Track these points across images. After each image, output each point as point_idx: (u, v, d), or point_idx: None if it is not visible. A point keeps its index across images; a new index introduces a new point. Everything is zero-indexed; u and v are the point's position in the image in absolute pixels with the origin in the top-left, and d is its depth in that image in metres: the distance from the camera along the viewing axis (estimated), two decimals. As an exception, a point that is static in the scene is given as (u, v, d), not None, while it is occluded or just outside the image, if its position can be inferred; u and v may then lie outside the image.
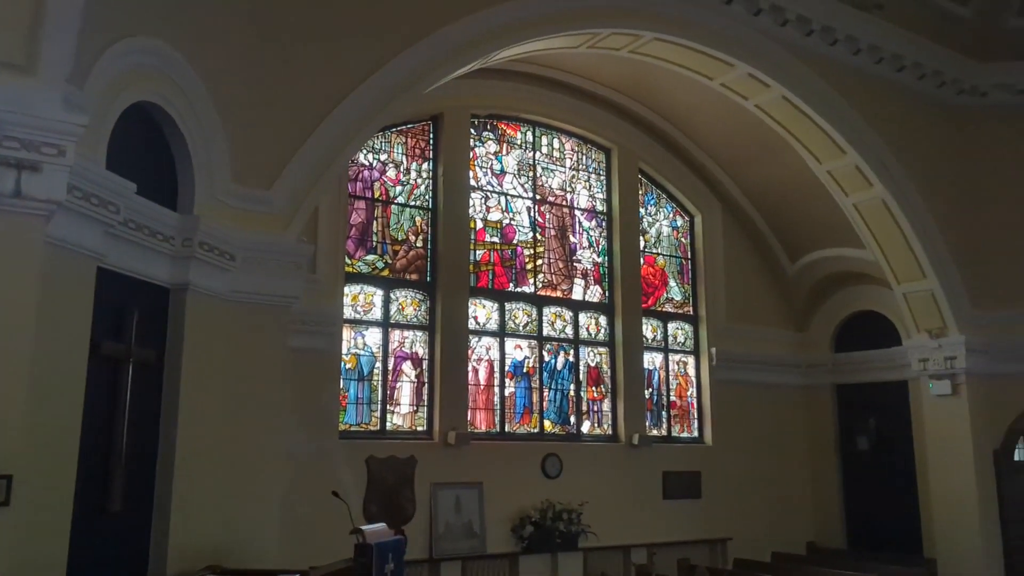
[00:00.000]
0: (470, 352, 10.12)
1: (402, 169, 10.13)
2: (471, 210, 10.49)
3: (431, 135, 10.39)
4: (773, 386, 12.70)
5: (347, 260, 9.37)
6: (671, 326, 12.25)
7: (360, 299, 9.50)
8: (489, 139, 10.98)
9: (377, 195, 9.88)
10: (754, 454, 12.14)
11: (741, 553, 11.27)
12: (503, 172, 11.01)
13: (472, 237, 10.46)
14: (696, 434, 12.13)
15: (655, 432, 11.65)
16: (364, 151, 9.74)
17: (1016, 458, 11.00)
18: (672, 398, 12.06)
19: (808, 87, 10.11)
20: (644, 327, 11.78)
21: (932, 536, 11.14)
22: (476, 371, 10.22)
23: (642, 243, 12.09)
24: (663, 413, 11.91)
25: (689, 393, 12.24)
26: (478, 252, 10.53)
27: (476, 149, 10.78)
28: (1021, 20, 11.34)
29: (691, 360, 12.34)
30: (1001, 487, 10.82)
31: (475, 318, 10.30)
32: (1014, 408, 11.01)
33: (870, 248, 11.38)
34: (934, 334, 11.09)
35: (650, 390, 11.79)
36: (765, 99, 10.34)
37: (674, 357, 12.22)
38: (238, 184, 6.80)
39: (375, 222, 9.81)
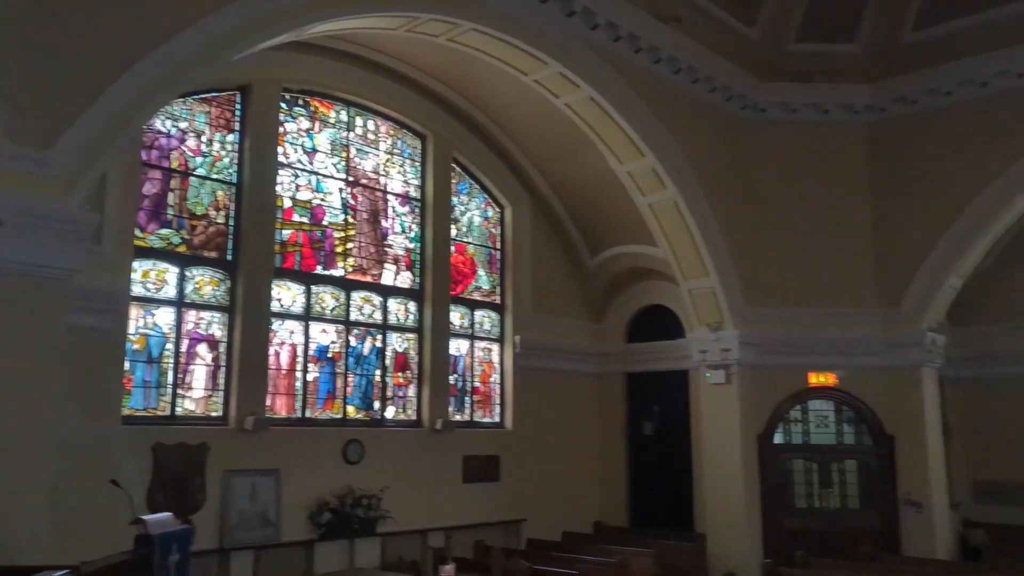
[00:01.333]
0: (272, 335, 9.79)
1: (204, 140, 9.57)
2: (279, 187, 10.12)
3: (238, 106, 9.90)
4: (570, 374, 13.33)
5: (138, 233, 8.72)
6: (478, 314, 12.50)
7: (151, 276, 8.89)
8: (301, 115, 10.64)
9: (175, 165, 9.27)
10: (550, 439, 12.69)
11: (535, 533, 11.77)
12: (315, 151, 10.71)
13: (279, 216, 10.09)
14: (497, 419, 12.48)
15: (458, 417, 11.86)
16: (162, 117, 9.10)
17: (775, 441, 12.27)
18: (476, 384, 12.32)
19: (614, 90, 10.66)
20: (452, 314, 11.94)
21: (704, 513, 12.19)
22: (278, 355, 9.90)
23: (454, 231, 12.23)
24: (467, 399, 12.14)
25: (493, 379, 12.56)
26: (285, 232, 10.18)
27: (287, 124, 10.41)
28: (798, 46, 12.60)
29: (496, 347, 12.67)
30: (763, 468, 12.05)
31: (279, 300, 9.96)
32: (777, 396, 12.29)
33: (662, 246, 12.21)
34: (713, 328, 12.11)
35: (455, 376, 11.98)
36: (575, 99, 10.78)
37: (480, 344, 12.48)
38: (12, 143, 6.13)
39: (171, 194, 9.20)
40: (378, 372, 10.93)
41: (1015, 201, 11.77)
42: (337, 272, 10.68)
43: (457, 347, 12.09)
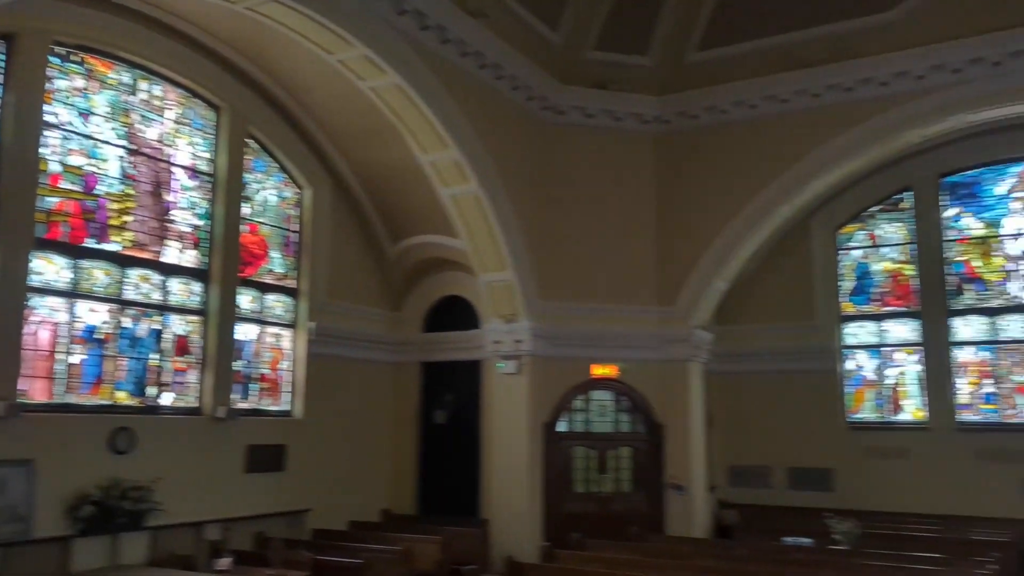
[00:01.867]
0: (29, 313, 8.85)
1: (-45, 90, 8.45)
2: (45, 150, 9.16)
3: (1, 57, 8.82)
4: (365, 362, 13.21)
5: None
6: (270, 298, 12.04)
7: None
8: (76, 72, 9.68)
9: (-84, 115, 8.12)
10: (342, 427, 12.52)
11: (321, 524, 11.55)
12: (90, 113, 9.79)
13: (44, 181, 9.13)
14: (286, 407, 12.10)
15: (243, 405, 11.36)
16: (-100, 59, 7.94)
17: (559, 429, 12.88)
18: (264, 371, 11.87)
19: (420, 79, 10.66)
20: (241, 297, 11.41)
21: (490, 499, 12.55)
22: (36, 335, 8.97)
23: (247, 210, 11.69)
24: (253, 386, 11.66)
25: (282, 366, 12.15)
26: (51, 200, 9.23)
27: (57, 81, 9.43)
28: (596, 54, 13.24)
29: (288, 333, 12.26)
30: (546, 455, 12.60)
31: (40, 274, 9.02)
32: (563, 386, 12.89)
33: (462, 238, 12.39)
34: (507, 319, 12.48)
35: (242, 362, 11.47)
36: (380, 84, 10.65)
37: (270, 330, 12.03)
38: None
39: (-90, 148, 8.06)
40: (155, 356, 10.22)
41: (776, 213, 13.09)
42: (111, 246, 9.85)
43: (245, 332, 11.58)
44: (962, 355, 14.08)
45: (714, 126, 13.40)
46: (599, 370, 13.06)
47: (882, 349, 14.71)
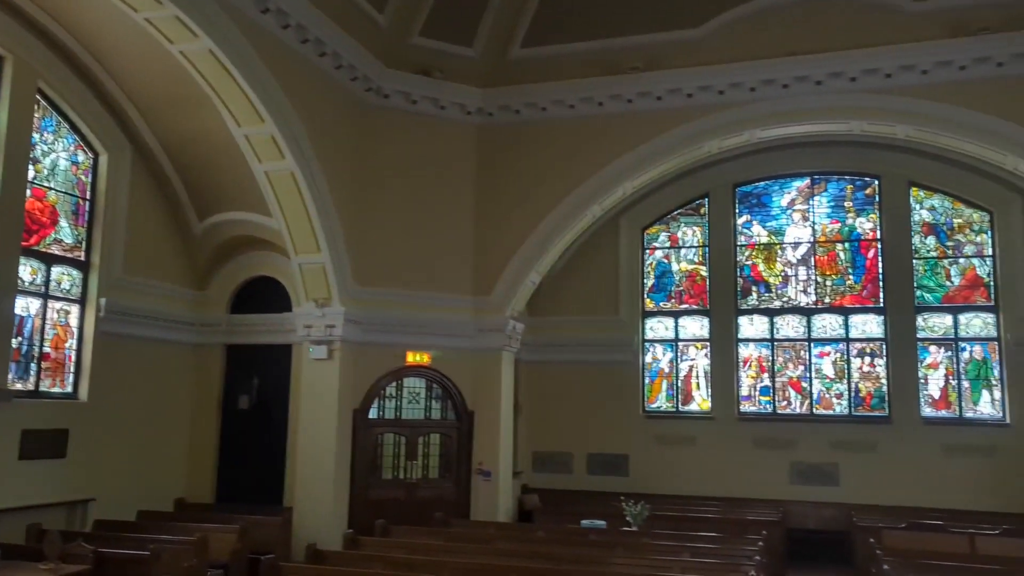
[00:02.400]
0: None
1: None
2: None
3: None
4: (164, 343, 12.44)
5: None
6: (56, 270, 11.03)
7: None
8: None
9: None
10: (134, 412, 11.73)
11: (106, 514, 10.77)
12: None
13: None
14: (70, 389, 11.14)
15: (19, 386, 10.34)
16: None
17: (370, 416, 12.77)
18: (47, 350, 10.86)
19: (236, 48, 10.12)
20: (22, 268, 10.37)
21: (294, 487, 12.22)
22: None
23: (32, 173, 10.62)
24: (33, 365, 10.65)
25: (68, 345, 11.18)
26: None
27: None
28: (422, 40, 13.18)
29: (75, 309, 11.29)
30: (355, 442, 12.46)
31: None
32: (376, 373, 12.78)
33: (276, 217, 11.94)
34: (320, 303, 12.19)
35: (20, 339, 10.43)
36: (192, 48, 10.02)
37: (55, 305, 11.02)
38: None
39: None
40: (-89, 329, 9.07)
41: (587, 211, 13.66)
42: None
43: (25, 306, 10.54)
44: (745, 351, 15.41)
45: (534, 122, 13.76)
46: (413, 357, 13.07)
47: (677, 344, 15.79)
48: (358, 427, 12.54)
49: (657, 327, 15.98)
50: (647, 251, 16.24)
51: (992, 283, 14.18)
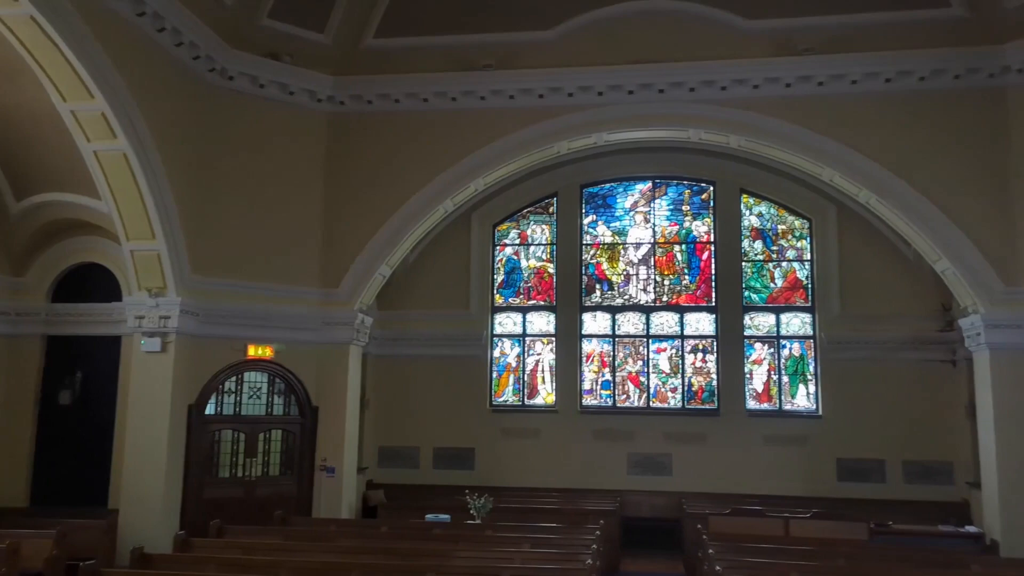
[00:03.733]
0: None
1: None
2: None
3: None
4: (-29, 333, 11.35)
5: None
6: None
7: None
8: None
9: None
10: (-66, 409, 10.63)
11: None
12: None
13: None
14: None
15: None
16: None
17: (207, 412, 12.19)
18: None
19: (62, 16, 9.34)
20: None
21: (120, 488, 11.47)
22: None
23: None
24: None
25: None
26: None
27: None
28: (271, 22, 12.70)
29: None
30: (190, 439, 11.85)
31: None
32: (213, 367, 12.22)
33: (105, 200, 11.15)
34: (153, 293, 11.51)
35: None
36: (10, 13, 9.16)
37: None
38: None
39: None
40: None
41: (439, 206, 13.65)
42: None
43: None
44: (588, 347, 15.94)
45: (387, 114, 13.60)
46: (255, 351, 12.60)
47: (525, 339, 16.11)
48: (193, 423, 11.93)
49: (506, 322, 16.23)
50: (497, 247, 16.45)
51: (810, 285, 15.40)
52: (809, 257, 15.47)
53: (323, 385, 13.10)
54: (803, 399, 15.14)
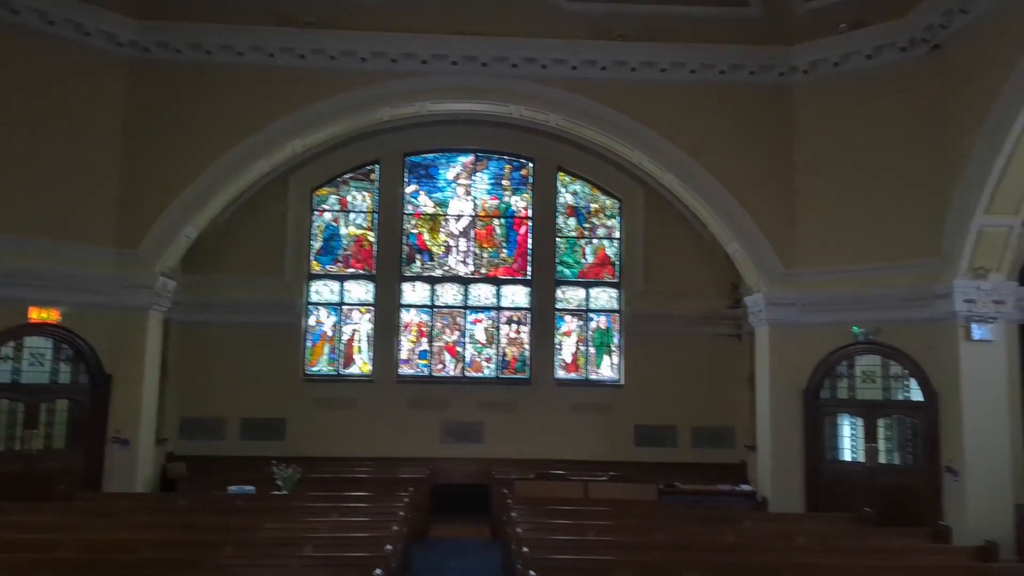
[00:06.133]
0: None
1: None
2: None
3: None
4: None
5: None
6: None
7: None
8: None
9: None
10: None
11: None
12: None
13: None
14: None
15: None
16: None
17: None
18: None
19: None
20: None
21: None
22: None
23: None
24: None
25: None
26: None
27: None
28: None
29: None
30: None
31: None
32: (-12, 331, 11.07)
33: None
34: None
35: None
36: None
37: None
38: None
39: None
40: None
41: (253, 166, 13.09)
42: None
43: None
44: (407, 316, 15.94)
45: (198, 65, 12.79)
46: (38, 314, 11.54)
47: (341, 307, 15.84)
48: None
49: (323, 290, 15.87)
50: (316, 213, 16.00)
51: (618, 263, 16.20)
52: (618, 235, 16.26)
53: (118, 352, 12.23)
54: (607, 369, 15.97)
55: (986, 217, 10.70)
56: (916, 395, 11.75)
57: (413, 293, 16.02)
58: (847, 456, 12.39)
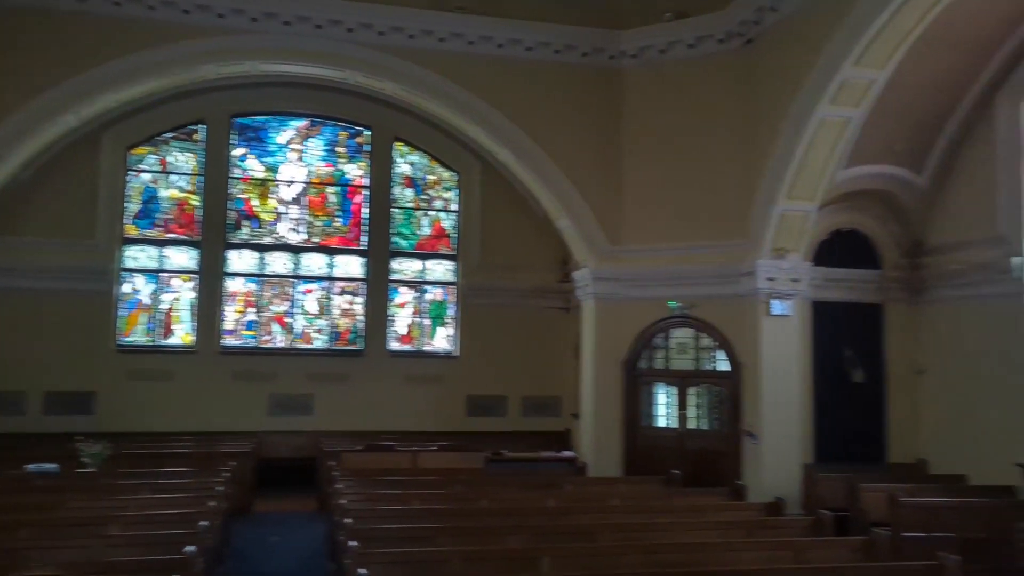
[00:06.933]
0: None
1: None
2: None
3: None
4: None
5: None
6: None
7: None
8: None
9: None
10: None
11: None
12: None
13: None
14: None
15: None
16: None
17: None
18: None
19: None
20: None
21: None
22: None
23: None
24: None
25: None
26: None
27: None
28: None
29: None
30: None
31: None
32: None
33: None
34: None
35: None
36: None
37: None
38: None
39: None
40: None
41: (60, 119, 12.09)
42: None
43: None
44: (233, 285, 15.30)
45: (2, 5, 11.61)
46: None
47: (160, 274, 14.96)
48: None
49: (139, 256, 14.91)
50: (132, 173, 14.96)
51: (455, 235, 16.30)
52: (455, 208, 16.34)
53: None
54: (442, 341, 16.10)
55: (787, 202, 11.66)
56: (723, 365, 12.67)
57: (240, 261, 15.39)
58: (661, 423, 13.21)
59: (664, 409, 13.22)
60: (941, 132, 11.75)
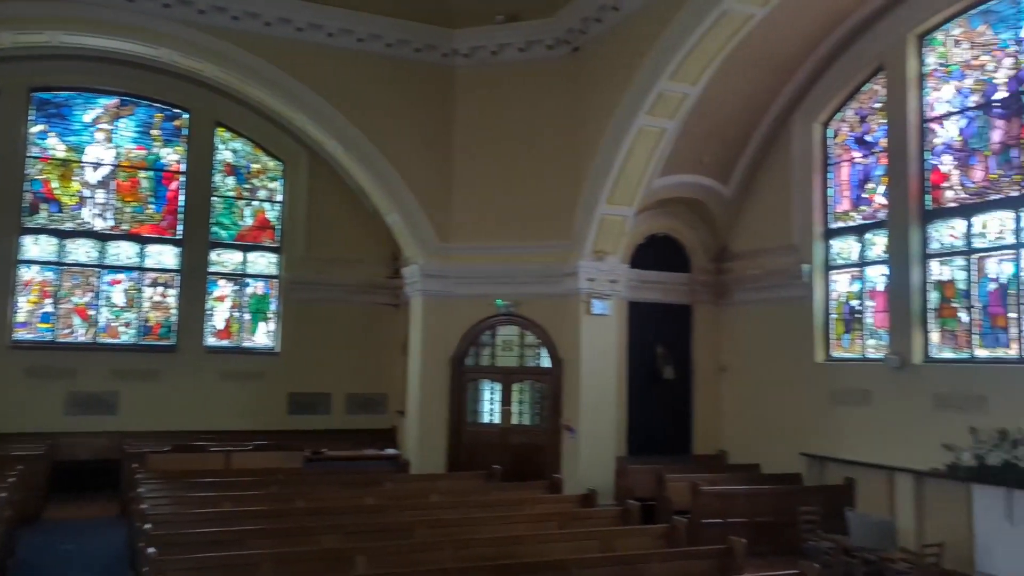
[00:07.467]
0: None
1: None
2: None
3: None
4: None
5: None
6: None
7: None
8: None
9: None
10: None
11: None
12: None
13: None
14: None
15: None
16: None
17: None
18: None
19: None
20: None
21: None
22: None
23: None
24: None
25: None
26: None
27: None
28: None
29: None
30: None
31: None
32: None
33: None
34: None
35: None
36: None
37: None
38: None
39: None
40: None
41: None
42: None
43: None
44: (28, 274, 13.98)
45: None
46: None
47: (-62, 260, 13.42)
48: None
49: (-88, 239, 13.31)
50: (-95, 145, 13.33)
51: (279, 227, 15.72)
52: (280, 199, 15.77)
53: None
54: (263, 336, 15.49)
55: (608, 206, 12.17)
56: (546, 362, 13.04)
57: (36, 247, 14.08)
58: (486, 419, 13.40)
59: (489, 405, 13.42)
60: (746, 146, 12.72)
